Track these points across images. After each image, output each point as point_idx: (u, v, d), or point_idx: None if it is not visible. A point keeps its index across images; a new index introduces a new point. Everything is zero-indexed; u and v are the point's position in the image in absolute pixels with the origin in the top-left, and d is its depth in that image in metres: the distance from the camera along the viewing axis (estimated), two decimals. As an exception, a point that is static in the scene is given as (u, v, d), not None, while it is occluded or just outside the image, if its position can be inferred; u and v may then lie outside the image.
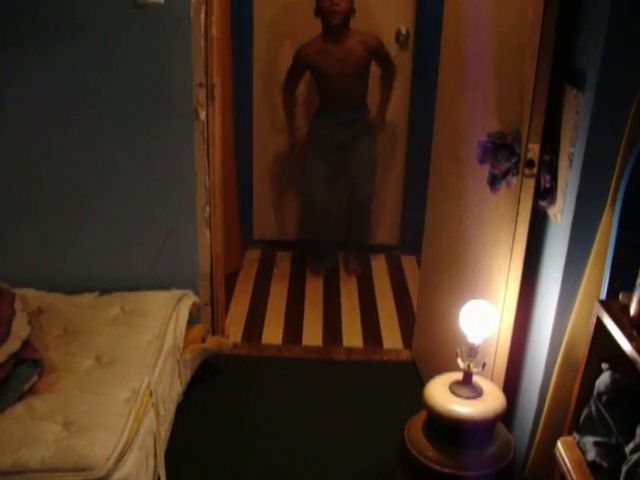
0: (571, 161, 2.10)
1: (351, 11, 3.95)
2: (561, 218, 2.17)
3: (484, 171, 2.38)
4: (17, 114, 2.97)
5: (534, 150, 2.20)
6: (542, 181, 2.24)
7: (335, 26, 3.93)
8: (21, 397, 2.34)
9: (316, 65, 4.07)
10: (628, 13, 1.89)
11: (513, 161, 2.23)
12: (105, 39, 2.87)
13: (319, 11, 3.95)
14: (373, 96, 4.28)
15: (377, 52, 4.05)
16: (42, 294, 3.03)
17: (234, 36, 4.10)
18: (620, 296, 1.91)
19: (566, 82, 2.15)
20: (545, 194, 2.25)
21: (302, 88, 4.36)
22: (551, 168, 2.22)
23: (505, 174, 2.25)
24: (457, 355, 2.32)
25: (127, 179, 3.06)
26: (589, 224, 2.05)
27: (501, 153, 2.23)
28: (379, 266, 4.64)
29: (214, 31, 2.97)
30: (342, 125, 4.18)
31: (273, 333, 3.79)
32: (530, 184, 2.24)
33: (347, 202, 4.51)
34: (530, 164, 2.21)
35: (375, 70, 4.19)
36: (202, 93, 2.97)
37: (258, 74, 4.55)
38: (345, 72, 4.01)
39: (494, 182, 2.29)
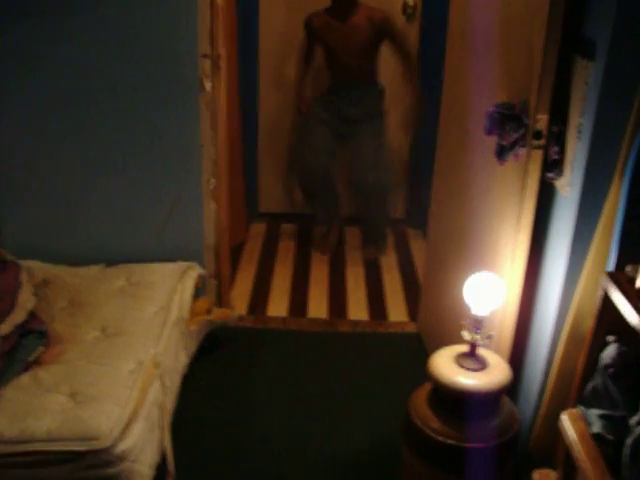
0: (580, 133, 2.08)
1: None
2: (569, 190, 2.16)
3: (491, 143, 2.36)
4: (29, 90, 2.96)
5: (542, 121, 2.18)
6: (550, 153, 2.22)
7: (344, 2, 3.87)
8: (27, 368, 2.35)
9: (321, 38, 4.02)
10: (640, -19, 1.86)
11: (521, 132, 2.21)
12: (109, 10, 2.84)
13: None
14: (390, 76, 4.24)
15: (383, 27, 3.94)
16: (48, 266, 3.03)
17: (239, 6, 4.06)
18: (627, 268, 1.90)
19: (575, 52, 2.12)
20: (553, 166, 2.23)
21: (320, 61, 4.25)
22: (559, 140, 2.19)
23: (513, 145, 2.23)
24: (463, 327, 2.32)
25: (133, 150, 3.05)
26: (597, 197, 2.03)
27: (509, 124, 2.21)
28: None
29: (219, 1, 2.94)
30: (350, 100, 4.09)
31: (278, 306, 3.79)
32: (538, 155, 2.22)
33: (357, 186, 4.32)
34: (538, 135, 2.19)
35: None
36: (207, 64, 2.95)
37: (264, 45, 4.51)
38: (350, 48, 3.94)
39: (502, 153, 2.27)
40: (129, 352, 2.47)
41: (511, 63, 2.36)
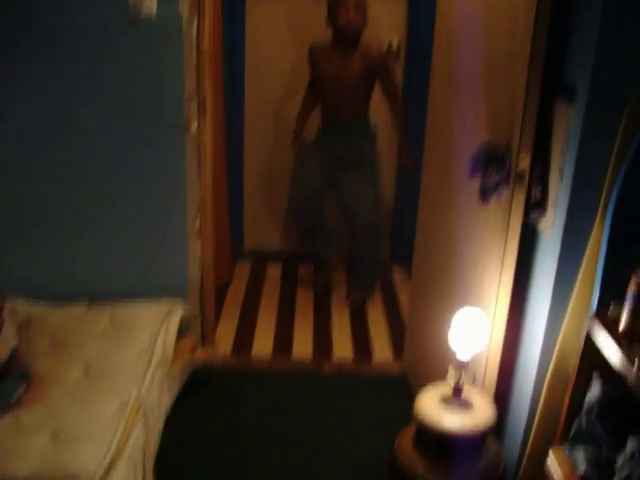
0: (562, 174, 2.11)
1: (364, 24, 3.87)
2: (551, 231, 2.18)
3: (475, 184, 2.39)
4: (11, 127, 2.97)
5: (525, 162, 2.21)
6: (533, 193, 2.24)
7: (348, 40, 3.87)
8: (8, 409, 2.32)
9: (317, 68, 4.01)
10: (617, 27, 1.90)
11: (504, 173, 2.23)
12: (98, 52, 2.88)
13: (332, 23, 3.86)
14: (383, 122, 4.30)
15: (376, 64, 3.91)
16: (31, 304, 3.01)
17: (226, 49, 4.11)
18: (610, 309, 1.92)
19: (556, 95, 2.16)
20: (536, 206, 2.25)
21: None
22: (542, 181, 2.22)
23: (496, 186, 2.25)
24: (448, 368, 2.32)
25: (119, 190, 3.06)
26: (579, 237, 2.05)
27: (492, 165, 2.24)
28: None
29: (206, 44, 2.98)
30: (341, 138, 4.08)
31: (263, 345, 3.77)
32: (521, 196, 2.25)
33: (350, 228, 4.30)
34: (521, 176, 2.22)
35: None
36: (193, 106, 2.97)
37: (249, 87, 4.56)
38: (344, 86, 3.93)
39: (485, 194, 2.30)
40: (112, 393, 2.44)
41: (494, 105, 2.40)
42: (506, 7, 2.28)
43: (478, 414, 2.25)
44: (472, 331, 2.27)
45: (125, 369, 2.60)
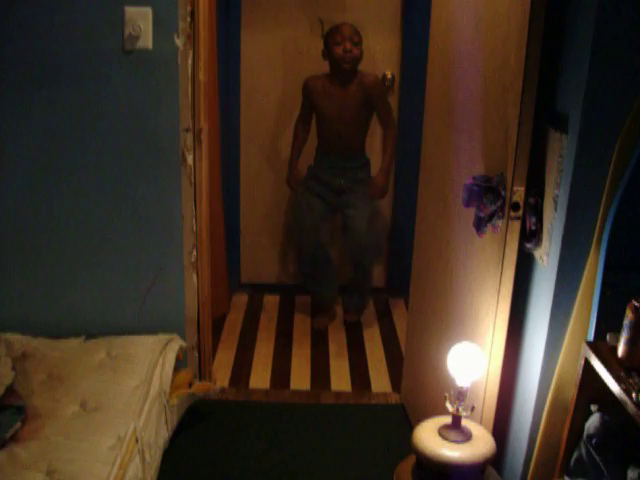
0: (556, 203, 2.12)
1: (361, 57, 3.92)
2: (547, 260, 2.18)
3: (470, 214, 2.40)
4: (7, 162, 2.97)
5: (519, 193, 2.22)
6: (528, 223, 2.25)
7: (345, 72, 3.91)
8: (3, 445, 2.30)
9: (316, 102, 4.05)
10: (609, 57, 1.92)
11: (499, 204, 2.24)
12: (93, 84, 2.89)
13: (328, 55, 3.90)
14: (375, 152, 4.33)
15: (372, 91, 3.95)
16: (27, 338, 3.00)
17: (221, 81, 4.14)
18: (608, 337, 1.92)
19: (549, 125, 2.18)
20: (531, 236, 2.26)
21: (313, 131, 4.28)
22: (536, 210, 2.23)
23: (491, 217, 2.26)
24: (446, 399, 2.31)
25: (114, 222, 3.06)
26: (575, 266, 2.06)
27: (487, 196, 2.25)
28: (367, 309, 4.62)
29: (201, 76, 3.01)
30: (338, 170, 4.11)
31: (261, 378, 3.75)
32: (516, 226, 2.26)
33: (352, 255, 4.35)
34: (515, 207, 2.23)
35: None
36: (189, 137, 2.99)
37: (245, 118, 4.58)
38: (343, 116, 3.97)
39: (480, 225, 2.30)
40: (109, 427, 2.42)
41: (488, 136, 2.41)
42: (499, 39, 2.30)
43: (477, 445, 2.24)
44: (469, 364, 2.26)
45: (122, 403, 2.58)
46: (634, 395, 1.64)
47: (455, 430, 2.27)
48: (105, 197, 3.03)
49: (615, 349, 1.84)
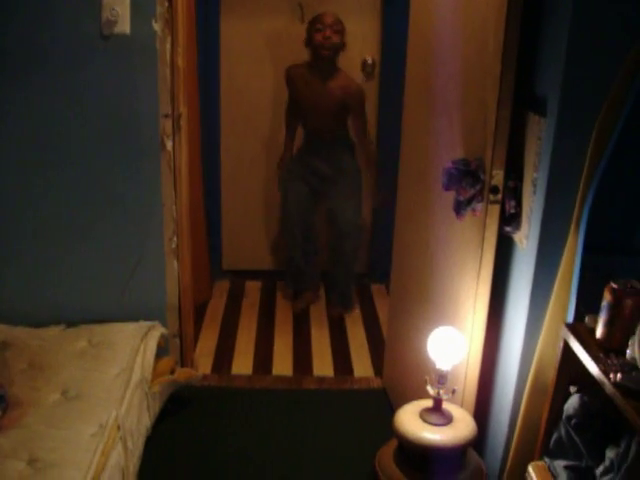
0: (535, 186, 2.13)
1: (341, 45, 3.92)
2: (526, 243, 2.20)
3: (450, 198, 2.40)
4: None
5: (498, 176, 2.22)
6: (507, 207, 2.26)
7: (324, 59, 3.90)
8: (-15, 434, 2.29)
9: (296, 90, 4.06)
10: (587, 40, 1.93)
11: (478, 188, 2.25)
12: (71, 69, 2.86)
13: (309, 42, 3.91)
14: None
15: (352, 99, 3.97)
16: (7, 327, 2.98)
17: (200, 66, 4.11)
18: (586, 319, 1.93)
19: (528, 109, 2.19)
20: (510, 219, 2.27)
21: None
22: (515, 194, 2.24)
23: (470, 200, 2.27)
24: (426, 382, 2.32)
25: (93, 210, 3.04)
26: (554, 248, 2.07)
27: (466, 180, 2.26)
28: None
29: (180, 61, 2.98)
30: (323, 155, 4.13)
31: (243, 364, 3.75)
32: (495, 210, 2.27)
33: (334, 242, 4.37)
34: (495, 190, 2.24)
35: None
36: (168, 123, 2.97)
37: (225, 103, 4.56)
38: (321, 110, 3.98)
39: (459, 208, 2.31)
40: (90, 415, 2.42)
41: (467, 120, 2.42)
42: (477, 23, 2.30)
43: (458, 427, 2.25)
44: (449, 347, 2.28)
45: (103, 391, 2.57)
46: (612, 376, 1.66)
47: (436, 413, 2.29)
48: (84, 184, 3.00)
49: (594, 331, 1.86)
